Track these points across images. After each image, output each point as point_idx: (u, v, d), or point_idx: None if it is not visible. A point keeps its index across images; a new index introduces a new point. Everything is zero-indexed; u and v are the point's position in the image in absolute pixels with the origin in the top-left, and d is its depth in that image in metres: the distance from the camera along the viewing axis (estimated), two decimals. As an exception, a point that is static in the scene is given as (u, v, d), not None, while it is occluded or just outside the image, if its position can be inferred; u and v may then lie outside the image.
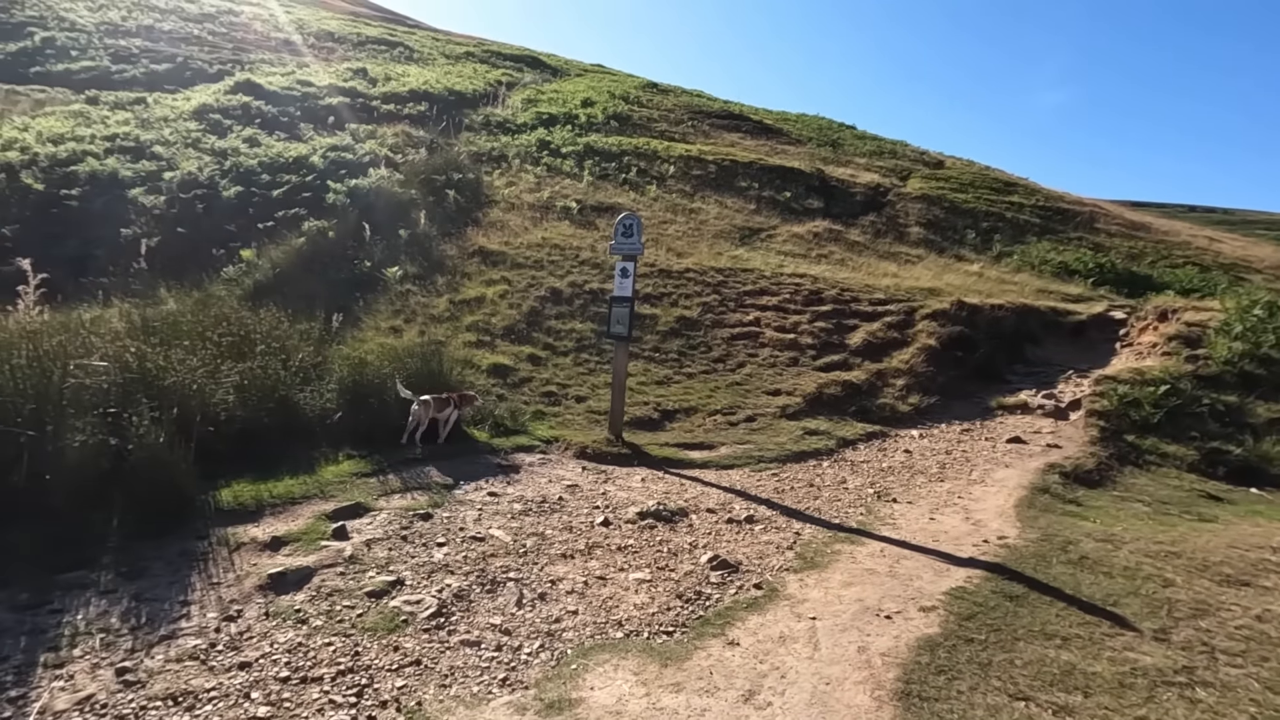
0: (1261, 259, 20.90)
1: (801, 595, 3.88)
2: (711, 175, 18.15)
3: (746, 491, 5.80)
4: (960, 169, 24.91)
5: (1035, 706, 2.85)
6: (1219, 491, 6.82)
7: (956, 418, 8.68)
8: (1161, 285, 15.16)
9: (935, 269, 14.84)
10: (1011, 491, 5.98)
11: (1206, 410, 8.22)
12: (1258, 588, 4.29)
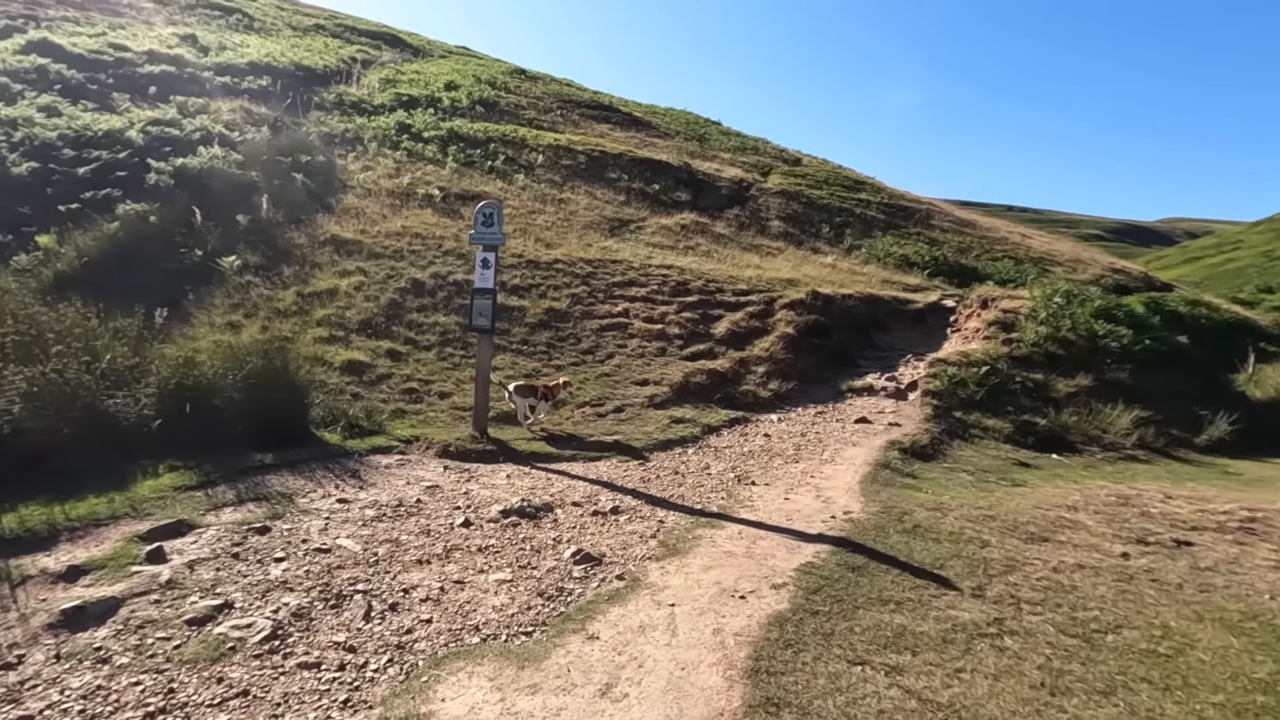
0: (1062, 252, 23.94)
1: (663, 583, 3.94)
2: (581, 166, 18.05)
3: (613, 482, 5.82)
4: (816, 167, 26.48)
5: (870, 669, 3.06)
6: (1029, 459, 7.73)
7: (813, 401, 9.22)
8: (985, 276, 16.94)
9: (794, 261, 15.68)
10: (858, 469, 6.43)
11: (1019, 387, 9.29)
12: (1055, 543, 4.89)
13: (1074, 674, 3.18)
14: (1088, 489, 6.43)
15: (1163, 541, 5.07)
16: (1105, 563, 4.58)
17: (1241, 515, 5.75)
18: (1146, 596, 4.09)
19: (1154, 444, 8.50)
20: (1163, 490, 6.51)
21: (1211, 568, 4.64)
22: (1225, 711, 2.96)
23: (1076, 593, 4.06)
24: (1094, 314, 10.95)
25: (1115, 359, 10.07)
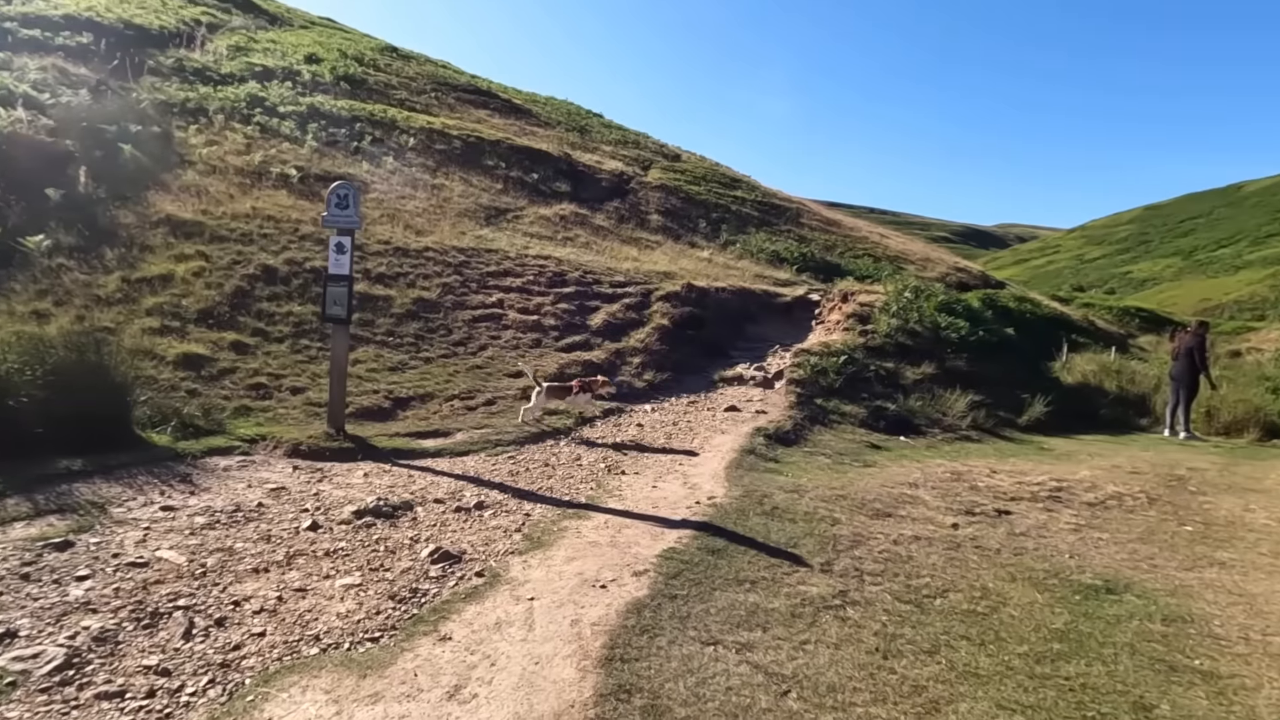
0: (915, 252, 26.05)
1: (524, 577, 3.86)
2: (457, 151, 17.41)
3: (480, 477, 5.65)
4: (695, 163, 27.12)
5: (723, 648, 3.14)
6: (880, 441, 8.32)
7: (687, 391, 9.44)
8: (847, 272, 18.10)
9: (672, 254, 15.98)
10: (725, 455, 6.64)
11: (873, 375, 9.98)
12: (897, 517, 5.28)
13: (905, 637, 3.43)
14: (928, 467, 7.02)
15: (986, 512, 5.62)
16: (938, 533, 5.00)
17: (1051, 485, 6.50)
18: (970, 562, 4.51)
19: (985, 425, 9.44)
20: (989, 466, 7.23)
21: (1024, 533, 5.20)
22: (1028, 659, 3.30)
23: (912, 562, 4.40)
24: (937, 308, 11.99)
25: (954, 349, 11.08)
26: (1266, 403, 10.69)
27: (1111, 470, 7.43)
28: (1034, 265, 68.42)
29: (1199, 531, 5.56)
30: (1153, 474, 7.33)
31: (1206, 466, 7.88)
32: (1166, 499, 6.43)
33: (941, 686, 3.00)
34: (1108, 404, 11.66)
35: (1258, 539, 5.39)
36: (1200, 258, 50.13)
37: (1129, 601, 4.09)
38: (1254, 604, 4.14)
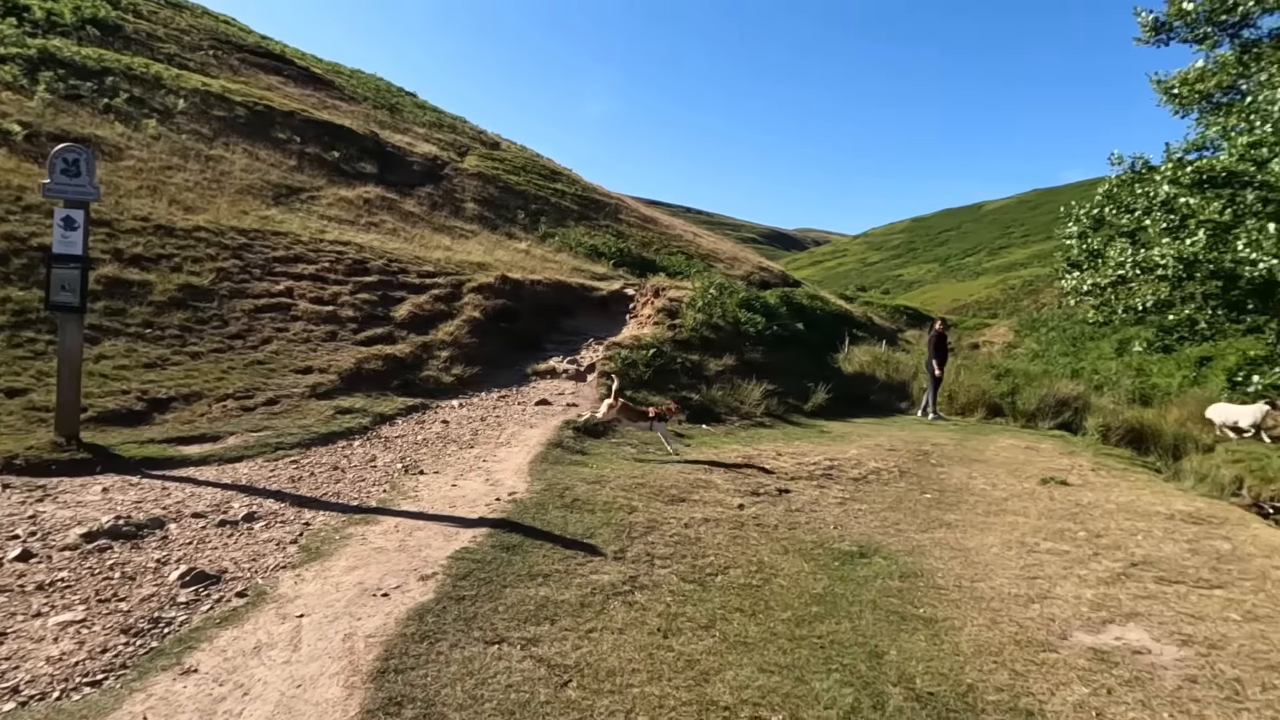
0: (724, 251, 27.85)
1: (295, 593, 3.53)
2: (240, 120, 15.53)
3: (254, 485, 5.09)
4: (515, 153, 26.67)
5: (508, 646, 3.11)
6: (684, 430, 8.77)
7: (498, 385, 9.25)
8: (662, 268, 18.85)
9: (488, 245, 15.58)
10: (531, 449, 6.61)
11: (680, 367, 10.50)
12: (691, 502, 5.60)
13: (686, 615, 3.64)
14: (723, 453, 7.53)
15: (769, 491, 6.15)
16: (726, 514, 5.38)
17: (825, 465, 7.27)
18: (751, 539, 4.91)
19: (776, 412, 10.33)
20: (776, 449, 7.93)
21: (800, 509, 5.76)
22: (790, 624, 3.66)
23: (700, 544, 4.69)
24: (739, 304, 12.89)
25: (753, 342, 12.00)
26: (991, 387, 12.88)
27: (874, 449, 8.49)
28: (827, 266, 76.36)
29: (935, 498, 6.53)
30: (905, 450, 8.49)
31: (945, 442, 9.29)
32: (914, 471, 7.47)
33: (713, 658, 3.23)
34: (877, 390, 13.33)
35: (976, 501, 6.45)
36: (953, 264, 59.09)
37: (876, 563, 4.69)
38: (969, 556, 4.94)
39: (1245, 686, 3.21)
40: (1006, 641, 3.61)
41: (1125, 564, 4.80)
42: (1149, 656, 3.50)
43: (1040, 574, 4.60)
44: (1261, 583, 4.51)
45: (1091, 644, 3.62)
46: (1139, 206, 9.46)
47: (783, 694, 2.98)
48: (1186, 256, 8.21)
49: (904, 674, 3.23)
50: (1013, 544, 5.20)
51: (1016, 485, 7.05)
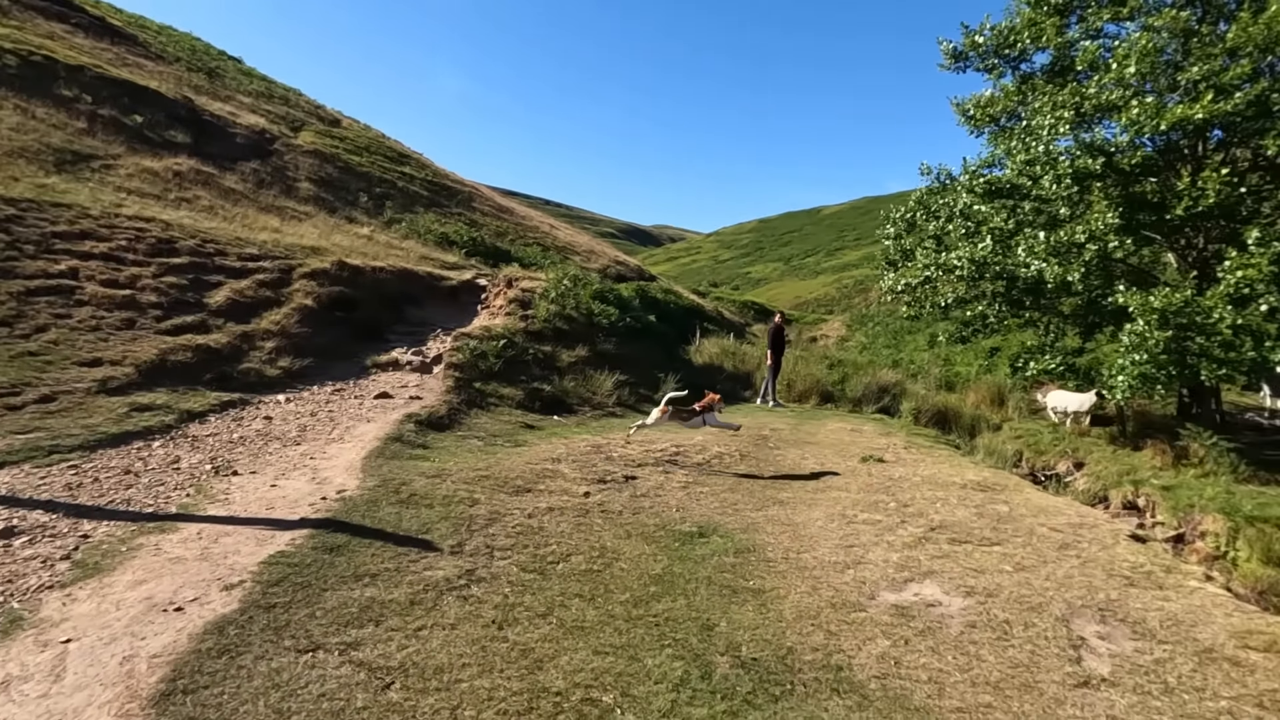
0: (582, 244, 27.90)
1: (62, 615, 3.04)
2: (11, 70, 13.19)
3: (16, 496, 4.33)
4: (358, 132, 24.96)
5: (324, 652, 2.88)
6: (535, 421, 8.66)
7: (332, 378, 8.60)
8: (516, 259, 18.49)
9: (324, 228, 14.43)
10: (367, 445, 6.20)
11: (532, 358, 10.35)
12: (536, 492, 5.53)
13: (524, 605, 3.58)
14: (573, 443, 7.52)
15: (616, 478, 6.22)
16: (571, 502, 5.36)
17: (671, 451, 7.49)
18: (595, 525, 4.93)
19: (628, 401, 10.50)
20: (626, 437, 8.04)
21: (645, 494, 5.88)
22: (627, 605, 3.71)
23: (543, 533, 4.64)
24: (593, 296, 12.95)
25: (605, 333, 12.10)
26: (824, 376, 13.98)
27: (719, 434, 8.87)
28: (682, 263, 79.05)
29: (771, 478, 6.94)
30: (747, 435, 8.95)
31: (783, 427, 9.93)
32: (753, 454, 7.90)
33: (548, 645, 3.19)
34: (723, 380, 13.97)
35: (806, 480, 6.94)
36: (795, 263, 63.48)
37: (714, 542, 4.89)
38: (796, 530, 5.29)
39: (1012, 626, 3.71)
40: (824, 605, 3.91)
41: (926, 529, 5.38)
42: (940, 608, 3.93)
43: (856, 542, 5.02)
44: (1029, 538, 5.23)
45: (895, 601, 4.01)
46: (943, 213, 10.70)
47: (616, 673, 3.01)
48: (978, 259, 9.40)
49: (732, 643, 3.38)
50: (835, 517, 5.65)
51: (841, 464, 7.67)
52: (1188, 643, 3.58)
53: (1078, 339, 10.31)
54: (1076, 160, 8.61)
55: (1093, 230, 8.44)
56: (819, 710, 2.88)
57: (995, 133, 10.93)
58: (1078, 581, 4.36)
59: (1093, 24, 9.77)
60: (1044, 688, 3.13)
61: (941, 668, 3.27)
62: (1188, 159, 9.42)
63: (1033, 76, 10.55)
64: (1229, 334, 7.66)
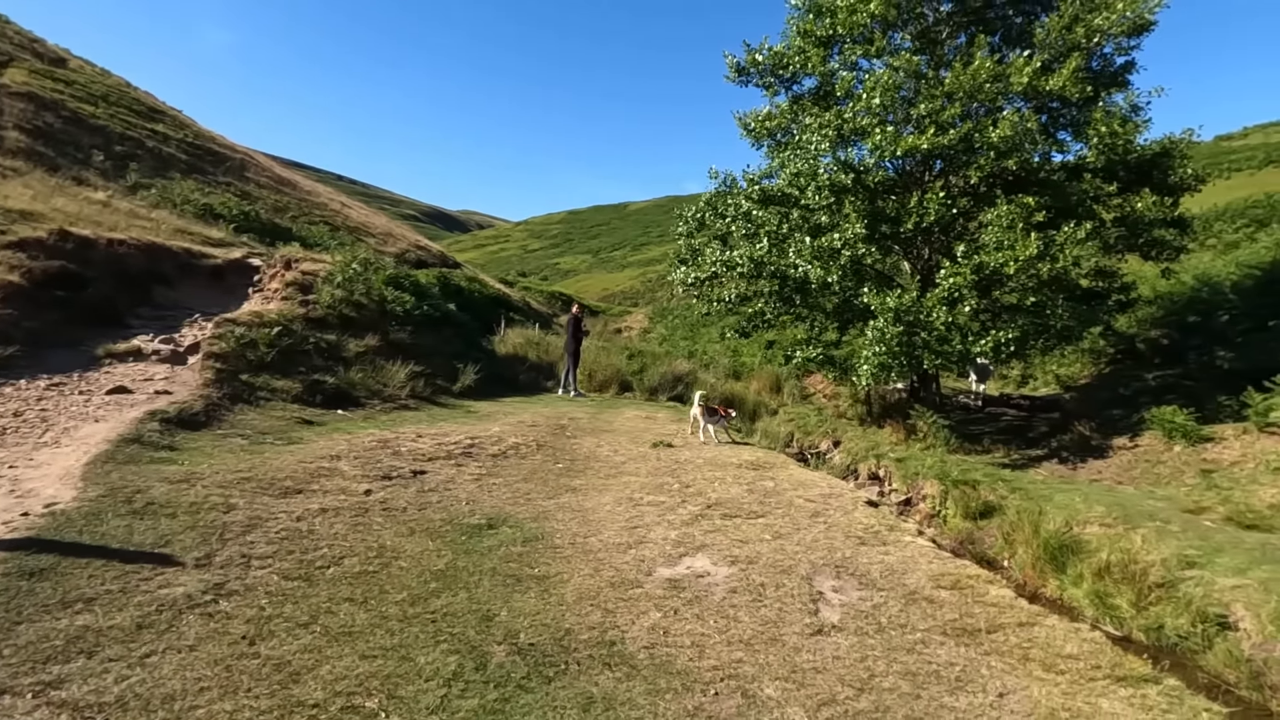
0: (377, 226, 26.06)
1: None
2: None
3: None
4: (92, 77, 20.94)
5: (11, 697, 2.42)
6: (314, 416, 7.96)
7: (49, 370, 7.18)
8: (299, 238, 16.77)
9: (42, 189, 11.95)
10: (92, 448, 5.27)
11: (313, 348, 9.48)
12: (309, 493, 5.10)
13: (284, 615, 3.29)
14: (357, 438, 7.04)
15: (403, 474, 5.95)
16: (349, 502, 5.02)
17: (465, 443, 7.32)
18: (375, 524, 4.67)
19: (423, 393, 10.05)
20: (418, 431, 7.71)
21: (434, 489, 5.69)
22: (404, 604, 3.57)
23: (313, 536, 4.30)
24: (386, 282, 12.17)
25: (400, 321, 11.45)
26: (624, 366, 14.52)
27: (517, 425, 8.84)
28: (490, 251, 77.19)
29: (566, 467, 7.07)
30: (545, 425, 9.02)
31: (582, 416, 10.15)
32: (550, 444, 7.98)
33: (309, 656, 2.97)
34: (526, 370, 13.92)
35: (600, 466, 7.17)
36: (603, 256, 64.96)
37: (503, 532, 4.88)
38: (586, 516, 5.45)
39: (766, 588, 4.16)
40: (604, 585, 4.08)
41: (703, 506, 5.83)
42: (708, 578, 4.30)
43: (640, 523, 5.30)
44: (788, 509, 5.90)
45: (669, 575, 4.30)
46: (729, 215, 11.63)
47: (384, 676, 2.89)
48: (757, 259, 10.37)
49: (510, 631, 3.41)
50: (623, 500, 5.91)
51: (634, 450, 8.03)
52: (899, 588, 4.29)
53: (836, 333, 11.78)
54: (834, 175, 9.83)
55: (846, 238, 9.70)
56: (590, 685, 3.01)
57: (772, 146, 12.08)
58: (822, 544, 5.01)
59: (849, 58, 11.20)
60: (787, 639, 3.56)
61: (704, 632, 3.58)
62: (919, 182, 11.18)
63: (803, 98, 11.81)
64: (943, 330, 9.25)
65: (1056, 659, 3.48)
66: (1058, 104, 10.29)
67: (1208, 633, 4.84)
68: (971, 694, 3.12)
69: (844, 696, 3.04)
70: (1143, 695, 3.18)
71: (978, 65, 9.46)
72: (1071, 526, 6.47)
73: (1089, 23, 9.86)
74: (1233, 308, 11.66)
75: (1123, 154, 9.98)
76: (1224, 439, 8.54)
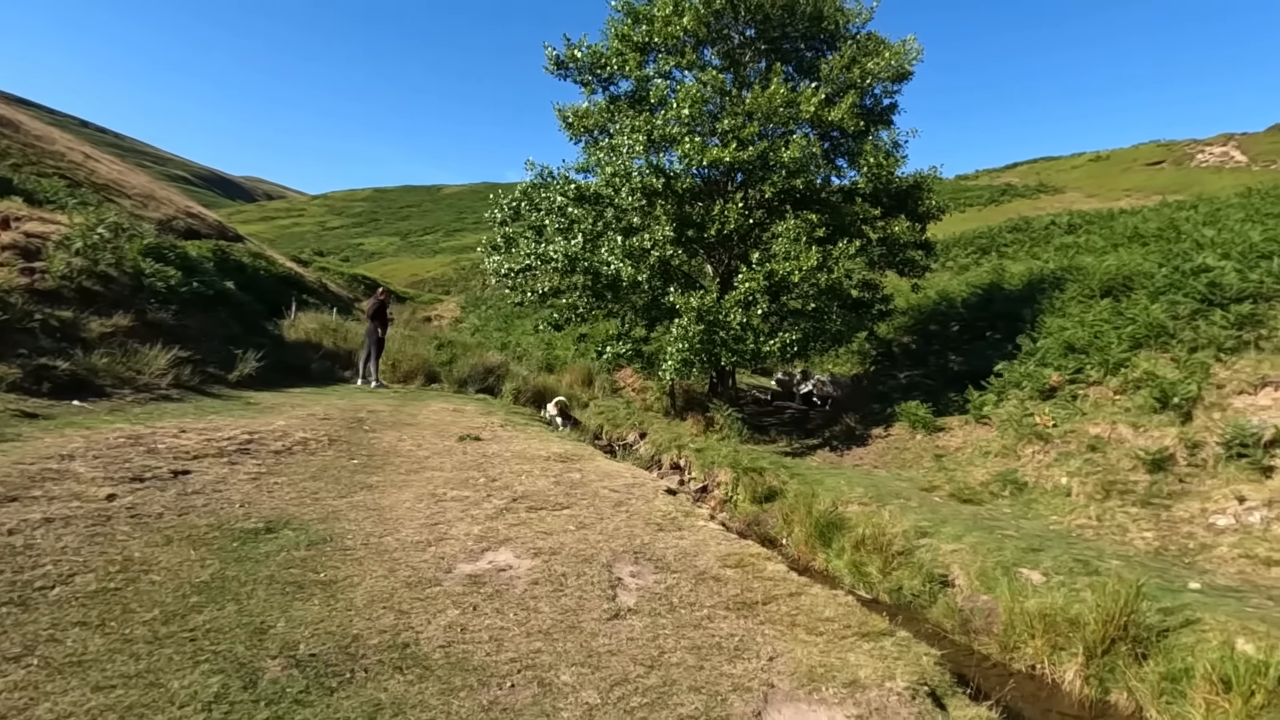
0: (134, 186, 22.27)
1: None
2: None
3: None
4: None
5: None
6: (39, 408, 6.63)
7: None
8: (23, 192, 13.80)
9: None
10: None
11: (39, 326, 7.90)
12: (27, 500, 4.24)
13: (-15, 650, 2.72)
14: (100, 434, 5.99)
15: (160, 474, 5.18)
16: (85, 509, 4.27)
17: (242, 439, 6.55)
18: (120, 534, 4.02)
19: (189, 382, 8.80)
20: (181, 425, 6.75)
21: (199, 490, 5.02)
22: (154, 623, 3.12)
23: (31, 552, 3.59)
24: (144, 252, 10.45)
25: (161, 299, 9.91)
26: (432, 356, 13.89)
27: (307, 418, 8.09)
28: (281, 225, 69.46)
29: (363, 462, 6.61)
30: (340, 418, 8.36)
31: (383, 409, 9.55)
32: (345, 438, 7.42)
33: (19, 695, 2.49)
34: (319, 358, 12.77)
35: (401, 461, 6.81)
36: (413, 240, 61.41)
37: (284, 536, 4.44)
38: (383, 514, 5.16)
39: (568, 578, 4.24)
40: (399, 586, 3.90)
41: (510, 500, 5.79)
42: (510, 571, 4.28)
43: (443, 519, 5.13)
44: (594, 500, 6.06)
45: (470, 571, 4.22)
46: (544, 207, 11.60)
47: (124, 708, 2.51)
48: (571, 254, 10.49)
49: (288, 643, 3.13)
50: (425, 496, 5.67)
51: (439, 444, 7.74)
52: (690, 570, 4.60)
53: (644, 329, 12.28)
54: (646, 179, 10.23)
55: (655, 239, 10.16)
56: (378, 692, 2.86)
57: (589, 143, 12.27)
58: (623, 532, 5.21)
59: (663, 67, 11.72)
60: (585, 626, 3.66)
61: (504, 625, 3.57)
62: (722, 191, 12.03)
63: (619, 99, 12.14)
64: (739, 330, 10.06)
65: (818, 622, 3.97)
66: (838, 133, 11.65)
67: (933, 590, 5.81)
68: (747, 660, 3.45)
69: (635, 675, 3.21)
70: (881, 646, 3.73)
71: (774, 90, 10.40)
72: (837, 506, 7.38)
73: (864, 65, 11.28)
74: (962, 319, 14.04)
75: (886, 183, 11.57)
76: (951, 429, 10.27)
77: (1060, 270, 13.87)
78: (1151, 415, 7.82)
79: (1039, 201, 38.46)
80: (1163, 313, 9.05)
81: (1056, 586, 5.15)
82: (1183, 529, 6.45)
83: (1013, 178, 50.34)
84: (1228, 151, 45.35)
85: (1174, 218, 16.53)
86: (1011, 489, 8.05)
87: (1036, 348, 10.32)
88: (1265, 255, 9.27)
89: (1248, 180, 30.58)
